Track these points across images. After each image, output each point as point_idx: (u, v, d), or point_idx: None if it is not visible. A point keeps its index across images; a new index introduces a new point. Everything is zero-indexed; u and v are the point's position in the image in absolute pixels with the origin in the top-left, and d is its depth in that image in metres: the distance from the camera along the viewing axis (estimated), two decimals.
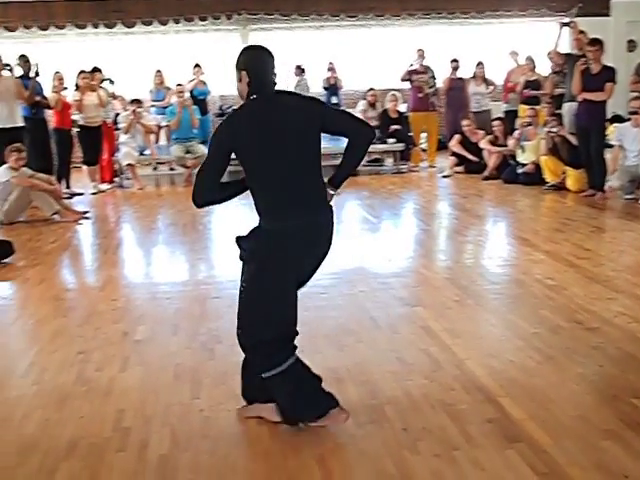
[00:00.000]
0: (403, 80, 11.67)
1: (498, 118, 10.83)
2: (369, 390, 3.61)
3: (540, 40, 12.83)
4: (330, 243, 3.16)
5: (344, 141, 3.12)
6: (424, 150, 11.93)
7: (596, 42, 8.45)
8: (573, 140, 8.79)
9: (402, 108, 11.78)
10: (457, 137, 10.81)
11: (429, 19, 13.67)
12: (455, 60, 11.67)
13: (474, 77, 11.68)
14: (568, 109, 9.12)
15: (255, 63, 3.10)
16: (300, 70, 12.53)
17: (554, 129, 9.03)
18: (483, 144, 10.43)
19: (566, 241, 6.51)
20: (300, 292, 3.18)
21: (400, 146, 11.14)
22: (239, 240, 3.13)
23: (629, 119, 8.34)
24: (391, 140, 11.08)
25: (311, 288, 5.19)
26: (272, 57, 3.14)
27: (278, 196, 3.02)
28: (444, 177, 10.54)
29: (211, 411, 3.43)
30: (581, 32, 9.51)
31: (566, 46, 10.36)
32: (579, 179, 8.75)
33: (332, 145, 8.29)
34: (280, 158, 2.97)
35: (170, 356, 4.12)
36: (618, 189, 8.27)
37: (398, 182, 10.33)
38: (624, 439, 3.04)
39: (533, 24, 13.93)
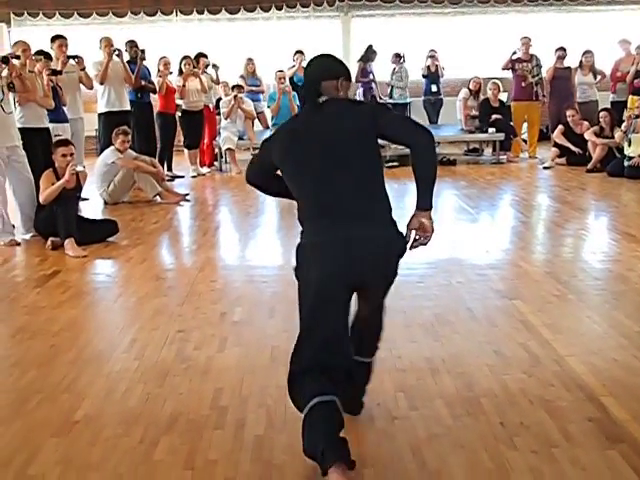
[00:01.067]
0: (504, 69, 11.45)
1: (605, 109, 10.47)
2: (465, 382, 3.56)
3: None
4: (389, 264, 2.81)
5: None
6: (525, 141, 11.67)
7: None
8: None
9: (504, 97, 11.55)
10: (560, 127, 10.53)
11: (535, 5, 13.34)
12: (562, 48, 11.34)
13: (581, 66, 11.33)
14: None
15: (307, 73, 2.97)
16: (398, 57, 12.40)
17: None
18: (588, 135, 10.12)
19: None
20: (397, 280, 3.07)
21: (500, 136, 10.93)
22: None
23: None
24: (491, 129, 10.90)
25: (407, 277, 5.23)
26: (329, 65, 2.94)
27: (311, 209, 2.79)
28: (545, 168, 10.29)
29: None
30: None
31: None
32: None
33: None
34: (313, 168, 2.74)
35: (267, 338, 4.18)
36: None
37: (497, 172, 10.15)
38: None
39: None
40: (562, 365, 3.72)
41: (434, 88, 12.57)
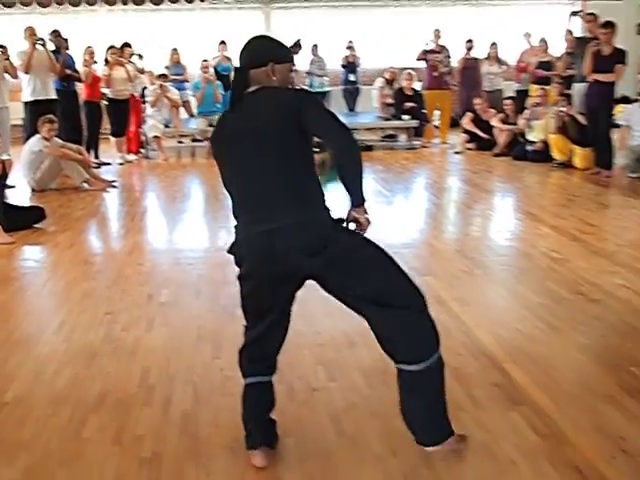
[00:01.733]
0: (419, 59, 11.59)
1: (509, 97, 10.73)
2: (381, 353, 3.58)
3: (553, 22, 12.69)
4: (321, 246, 2.46)
5: None
6: (437, 127, 11.85)
7: (608, 25, 8.35)
8: (582, 119, 8.71)
9: (417, 86, 11.70)
10: (469, 115, 10.73)
11: (445, 1, 13.52)
12: (470, 40, 11.55)
13: (488, 57, 11.56)
14: (578, 90, 9.04)
15: (240, 59, 2.64)
16: (315, 48, 12.41)
17: (563, 109, 8.95)
18: (494, 122, 10.35)
19: (572, 216, 6.47)
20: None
21: (414, 123, 11.09)
22: None
23: (636, 100, 8.25)
24: (405, 117, 11.03)
25: None
26: (257, 50, 2.62)
27: (238, 206, 2.59)
28: (456, 153, 10.48)
29: (231, 370, 3.43)
30: (591, 14, 9.37)
31: (578, 30, 10.19)
32: (586, 157, 8.68)
33: None
34: (244, 156, 2.51)
35: (193, 318, 4.16)
36: (624, 167, 8.20)
37: (411, 157, 10.29)
38: (622, 404, 3.05)
39: (547, 6, 13.73)
40: (470, 335, 3.83)
41: (352, 77, 12.66)
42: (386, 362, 3.48)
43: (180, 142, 11.97)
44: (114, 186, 8.47)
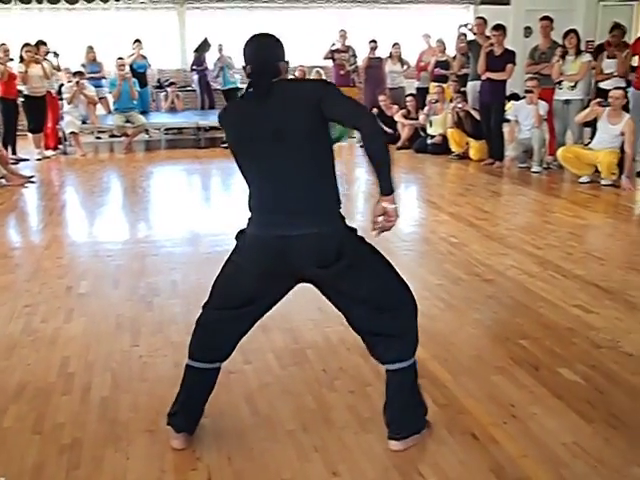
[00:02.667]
0: (326, 58, 11.64)
1: (411, 94, 10.89)
2: (292, 336, 3.65)
3: (450, 24, 12.95)
4: (333, 259, 2.38)
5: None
6: None
7: (499, 27, 8.62)
8: (476, 115, 8.94)
9: None
10: (374, 111, 10.82)
11: (351, 2, 13.60)
12: (373, 41, 11.63)
13: (390, 57, 11.67)
14: (472, 87, 9.26)
15: (248, 53, 2.47)
16: (220, 48, 12.28)
17: (459, 105, 9.16)
18: (397, 117, 10.50)
19: (468, 204, 6.65)
20: (228, 249, 3.02)
21: None
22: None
23: (524, 97, 8.51)
24: None
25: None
26: (270, 44, 2.49)
27: (254, 201, 2.48)
28: (361, 147, 10.56)
29: (149, 357, 3.42)
30: (481, 18, 9.62)
31: (470, 34, 10.42)
32: (480, 149, 8.93)
33: None
34: (258, 158, 2.40)
35: (111, 308, 4.07)
36: (514, 159, 8.47)
37: None
38: (512, 374, 3.17)
39: (444, 9, 13.99)
40: None
41: None
42: (298, 344, 3.53)
43: (98, 138, 11.66)
44: (32, 181, 8.16)
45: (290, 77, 2.61)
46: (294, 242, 2.35)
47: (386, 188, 2.42)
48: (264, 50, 2.47)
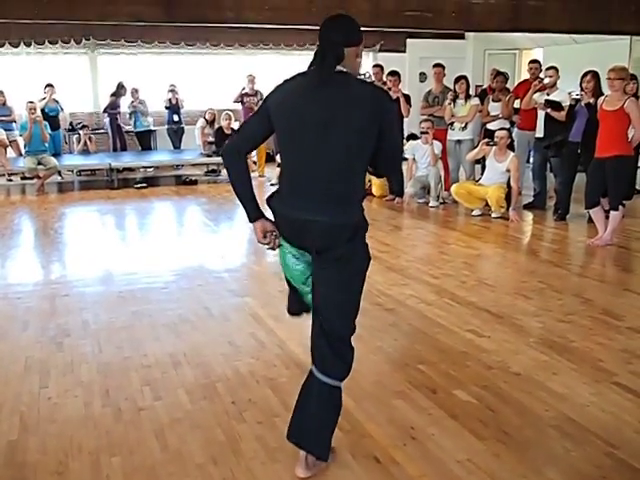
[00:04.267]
0: (235, 102, 11.71)
1: None
2: (203, 371, 3.60)
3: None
4: (339, 243, 2.43)
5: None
6: (255, 162, 11.97)
7: (394, 73, 8.94)
8: None
9: (236, 125, 11.78)
10: None
11: (258, 49, 13.76)
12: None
13: None
14: None
15: (327, 33, 2.37)
16: (136, 92, 12.18)
17: None
18: None
19: (371, 238, 6.58)
20: (142, 287, 3.02)
21: None
22: None
23: (420, 137, 8.80)
24: None
25: (153, 284, 5.17)
26: (353, 29, 2.40)
27: (287, 179, 2.49)
28: (272, 185, 10.62)
29: (58, 398, 3.29)
30: (378, 65, 9.93)
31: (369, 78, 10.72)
32: (382, 186, 9.12)
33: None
34: (306, 142, 2.36)
35: (20, 350, 3.91)
36: (413, 195, 8.69)
37: (232, 190, 10.28)
38: (411, 398, 3.24)
39: None
40: (283, 348, 3.90)
41: (176, 118, 12.51)
42: (208, 378, 3.48)
43: (10, 180, 11.24)
44: None
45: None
46: (308, 225, 2.40)
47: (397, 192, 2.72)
48: (331, 31, 2.37)
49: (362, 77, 2.45)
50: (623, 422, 3.00)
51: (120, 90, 12.05)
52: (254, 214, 2.57)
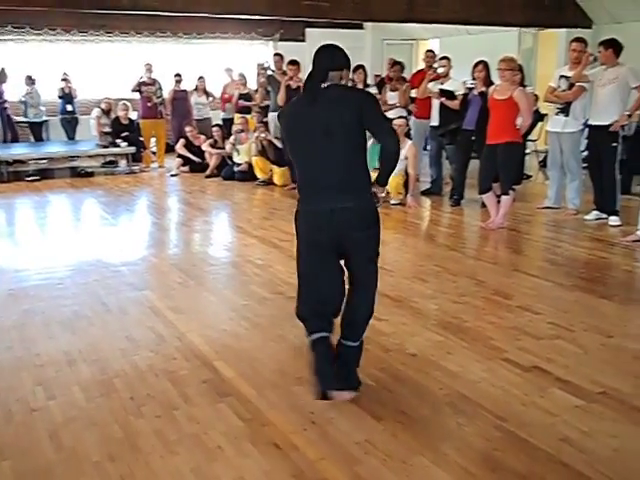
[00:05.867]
0: (133, 91, 11.39)
1: (217, 125, 10.96)
2: (100, 367, 3.51)
3: (250, 58, 13.22)
4: (369, 230, 2.99)
5: None
6: (154, 153, 11.74)
7: (294, 62, 8.93)
8: (278, 143, 9.16)
9: (134, 115, 11.49)
10: (182, 141, 10.78)
11: (155, 37, 13.43)
12: (178, 74, 11.59)
13: (196, 89, 11.70)
14: (273, 118, 9.47)
15: (316, 60, 2.98)
16: (30, 80, 11.65)
17: (262, 134, 9.36)
18: (204, 147, 10.50)
19: (272, 227, 6.79)
20: (34, 284, 2.91)
21: (132, 149, 10.87)
22: None
23: None
24: (123, 144, 10.78)
25: (47, 280, 4.99)
26: (336, 56, 2.99)
27: (305, 182, 2.99)
28: (172, 176, 10.46)
29: None
30: (278, 55, 9.91)
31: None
32: (283, 175, 9.16)
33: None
34: (314, 147, 2.89)
35: None
36: None
37: (131, 181, 10.06)
38: (312, 384, 3.26)
39: (245, 45, 14.22)
40: (183, 340, 3.85)
41: (69, 107, 12.02)
42: (106, 374, 3.40)
43: None
44: None
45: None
46: (340, 212, 2.89)
47: (384, 182, 3.08)
48: (319, 57, 2.97)
49: (262, 65, 3.20)
50: (512, 396, 3.15)
51: (2, 77, 11.44)
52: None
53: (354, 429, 2.86)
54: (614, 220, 6.63)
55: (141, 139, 11.17)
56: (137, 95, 11.42)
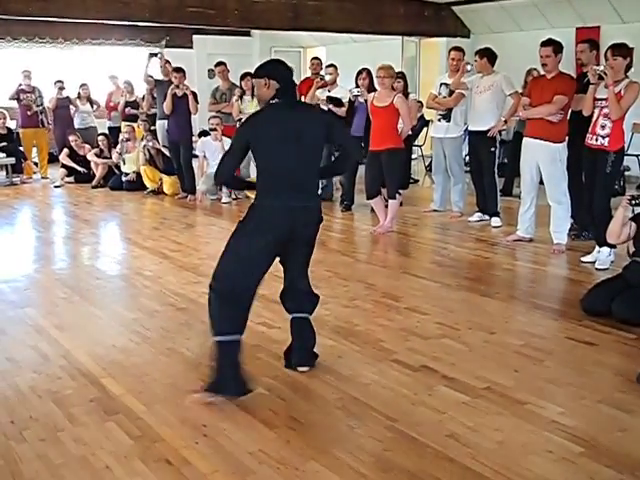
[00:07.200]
0: (11, 99, 10.86)
1: (103, 133, 10.64)
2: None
3: (136, 65, 12.91)
4: (318, 225, 3.38)
5: None
6: (36, 163, 11.24)
7: (179, 70, 8.75)
8: (166, 151, 9.01)
9: (12, 124, 10.96)
10: (66, 150, 10.37)
11: (33, 43, 12.87)
12: (60, 81, 11.15)
13: (79, 97, 11.30)
14: (161, 125, 9.29)
15: (285, 74, 3.30)
16: None
17: (150, 143, 9.17)
18: (90, 157, 10.16)
19: (162, 237, 6.66)
20: None
21: (11, 160, 10.35)
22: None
23: (210, 133, 8.77)
24: (1, 155, 10.25)
25: None
26: (291, 70, 3.39)
27: (277, 181, 3.22)
28: (56, 187, 10.05)
29: None
30: (167, 62, 9.73)
31: (155, 73, 10.46)
32: (173, 184, 9.01)
33: None
34: (287, 151, 3.19)
35: None
36: (205, 192, 8.64)
37: (12, 193, 9.58)
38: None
39: (130, 51, 13.87)
40: (68, 358, 3.71)
41: None
42: None
43: None
44: None
45: None
46: (303, 210, 3.27)
47: (325, 177, 3.78)
48: (289, 73, 3.33)
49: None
50: (401, 396, 3.23)
51: None
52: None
53: (247, 439, 2.85)
54: (496, 221, 6.95)
55: (21, 149, 10.66)
56: (15, 103, 10.91)
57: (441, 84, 7.30)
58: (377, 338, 3.96)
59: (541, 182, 6.03)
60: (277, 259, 3.38)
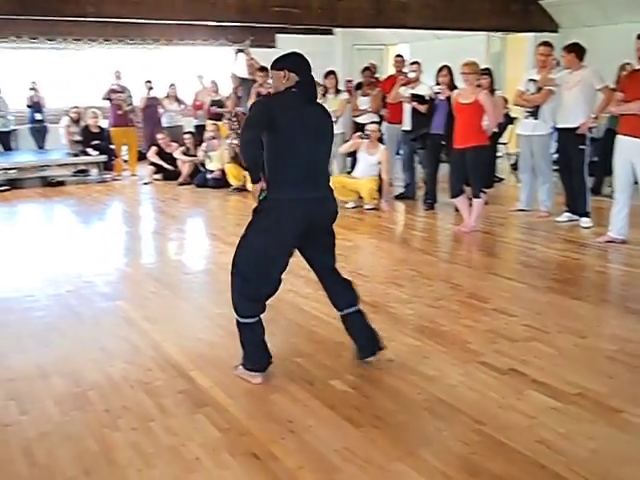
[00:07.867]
0: (104, 99, 11.27)
1: (189, 132, 10.89)
2: (73, 379, 3.45)
3: (221, 65, 13.15)
4: (335, 215, 3.39)
5: None
6: (126, 161, 11.62)
7: (264, 69, 8.87)
8: None
9: (104, 123, 11.37)
10: (154, 149, 10.68)
11: (124, 44, 13.31)
12: (149, 81, 11.50)
13: (167, 96, 11.62)
14: None
15: (304, 67, 3.26)
16: None
17: (235, 141, 9.32)
18: (177, 155, 10.43)
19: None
20: (3, 297, 2.85)
21: (103, 158, 10.74)
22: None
23: None
24: (94, 152, 10.65)
25: (17, 292, 4.90)
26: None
27: (292, 172, 3.19)
28: (144, 184, 10.36)
29: None
30: (252, 59, 9.86)
31: (241, 72, 10.61)
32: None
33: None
34: (306, 141, 3.17)
35: None
36: None
37: (103, 190, 9.94)
38: (289, 391, 3.25)
39: (215, 51, 14.16)
40: (158, 350, 3.80)
41: (38, 116, 11.90)
42: (80, 386, 3.34)
43: None
44: None
45: None
46: (320, 200, 3.29)
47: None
48: (308, 66, 3.28)
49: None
50: (489, 399, 3.15)
51: None
52: (257, 178, 3.18)
53: (332, 436, 2.84)
54: (585, 222, 6.70)
55: (112, 147, 11.05)
56: (107, 103, 11.31)
57: (529, 80, 7.10)
58: (463, 339, 3.88)
59: (635, 182, 5.77)
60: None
